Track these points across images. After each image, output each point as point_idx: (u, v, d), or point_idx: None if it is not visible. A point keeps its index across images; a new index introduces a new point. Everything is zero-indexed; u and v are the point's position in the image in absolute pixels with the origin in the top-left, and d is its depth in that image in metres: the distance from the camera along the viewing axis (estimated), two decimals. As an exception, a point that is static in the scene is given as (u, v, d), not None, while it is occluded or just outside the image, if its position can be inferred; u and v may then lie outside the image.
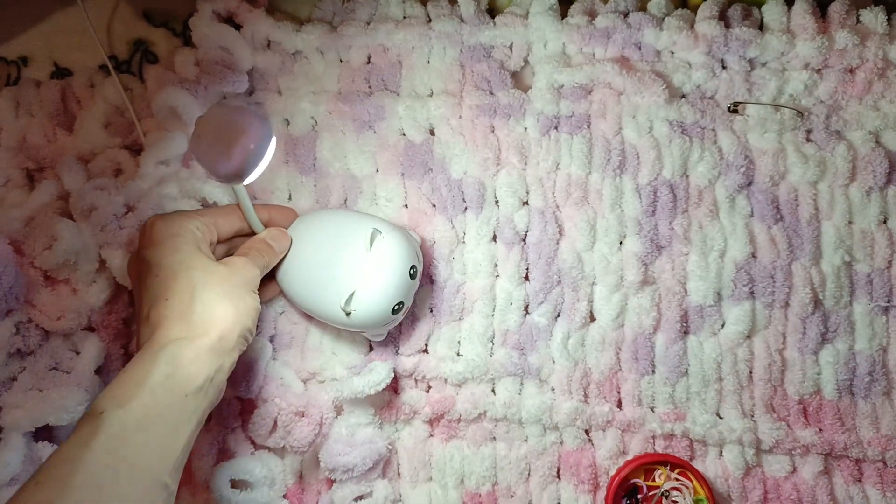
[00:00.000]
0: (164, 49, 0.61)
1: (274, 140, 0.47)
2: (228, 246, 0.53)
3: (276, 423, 0.54)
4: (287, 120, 0.60)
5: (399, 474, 0.57)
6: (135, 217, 0.54)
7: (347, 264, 0.50)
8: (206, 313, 0.42)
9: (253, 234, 0.53)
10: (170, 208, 0.54)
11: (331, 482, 0.55)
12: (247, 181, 0.47)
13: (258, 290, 0.49)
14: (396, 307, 0.50)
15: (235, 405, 0.56)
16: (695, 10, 0.59)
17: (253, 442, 0.55)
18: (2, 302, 0.51)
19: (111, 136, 0.58)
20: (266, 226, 0.53)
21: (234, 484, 0.54)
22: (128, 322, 0.56)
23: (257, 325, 0.56)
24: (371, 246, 0.50)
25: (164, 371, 0.39)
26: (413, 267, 0.51)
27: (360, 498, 0.55)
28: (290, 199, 0.59)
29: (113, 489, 0.36)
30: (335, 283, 0.50)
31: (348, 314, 0.50)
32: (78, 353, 0.54)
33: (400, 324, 0.57)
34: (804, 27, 0.57)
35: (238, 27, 0.59)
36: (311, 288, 0.52)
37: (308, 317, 0.56)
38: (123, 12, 0.61)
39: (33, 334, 0.53)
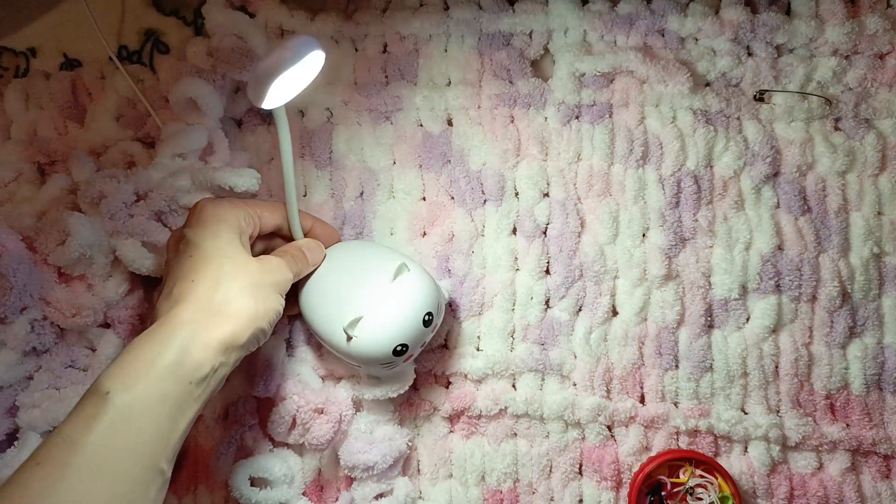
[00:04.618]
0: (176, 39, 0.59)
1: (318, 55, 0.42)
2: (266, 245, 0.52)
3: (294, 420, 0.54)
4: (302, 111, 0.58)
5: (419, 471, 0.56)
6: (146, 206, 0.52)
7: (366, 291, 0.49)
8: (226, 304, 0.42)
9: (291, 239, 0.52)
10: (182, 200, 0.53)
11: (350, 480, 0.54)
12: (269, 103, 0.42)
13: None
14: (399, 348, 0.48)
15: (252, 402, 0.55)
16: (720, -6, 0.57)
17: (271, 439, 0.55)
18: (16, 300, 0.50)
19: (123, 128, 0.57)
20: (306, 235, 0.52)
21: (254, 482, 0.53)
22: (144, 318, 0.55)
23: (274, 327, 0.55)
24: (395, 278, 0.49)
25: (173, 357, 0.39)
26: (429, 314, 0.49)
27: (381, 496, 0.54)
28: (305, 194, 0.58)
29: (112, 472, 0.36)
30: (347, 306, 0.49)
31: (349, 339, 0.48)
32: (94, 351, 0.54)
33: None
34: (833, 12, 0.56)
35: (251, 16, 0.57)
36: (325, 309, 0.50)
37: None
38: (133, 1, 0.59)
39: (48, 332, 0.52)
